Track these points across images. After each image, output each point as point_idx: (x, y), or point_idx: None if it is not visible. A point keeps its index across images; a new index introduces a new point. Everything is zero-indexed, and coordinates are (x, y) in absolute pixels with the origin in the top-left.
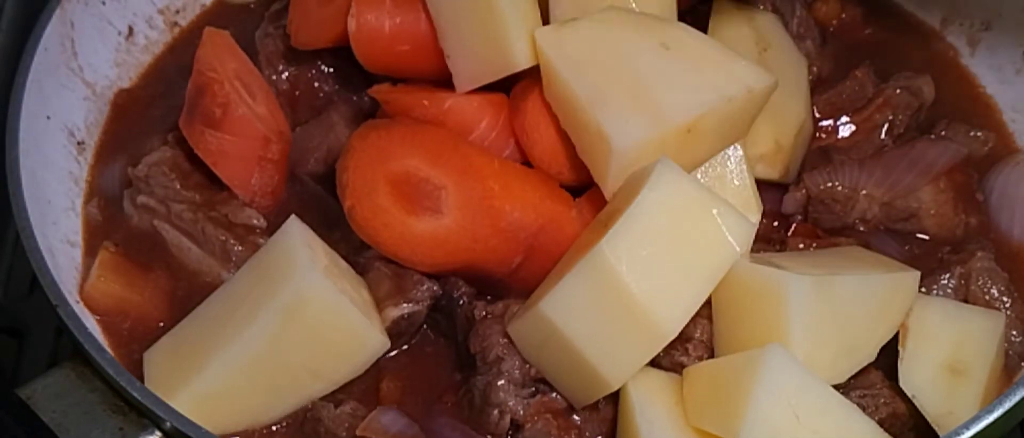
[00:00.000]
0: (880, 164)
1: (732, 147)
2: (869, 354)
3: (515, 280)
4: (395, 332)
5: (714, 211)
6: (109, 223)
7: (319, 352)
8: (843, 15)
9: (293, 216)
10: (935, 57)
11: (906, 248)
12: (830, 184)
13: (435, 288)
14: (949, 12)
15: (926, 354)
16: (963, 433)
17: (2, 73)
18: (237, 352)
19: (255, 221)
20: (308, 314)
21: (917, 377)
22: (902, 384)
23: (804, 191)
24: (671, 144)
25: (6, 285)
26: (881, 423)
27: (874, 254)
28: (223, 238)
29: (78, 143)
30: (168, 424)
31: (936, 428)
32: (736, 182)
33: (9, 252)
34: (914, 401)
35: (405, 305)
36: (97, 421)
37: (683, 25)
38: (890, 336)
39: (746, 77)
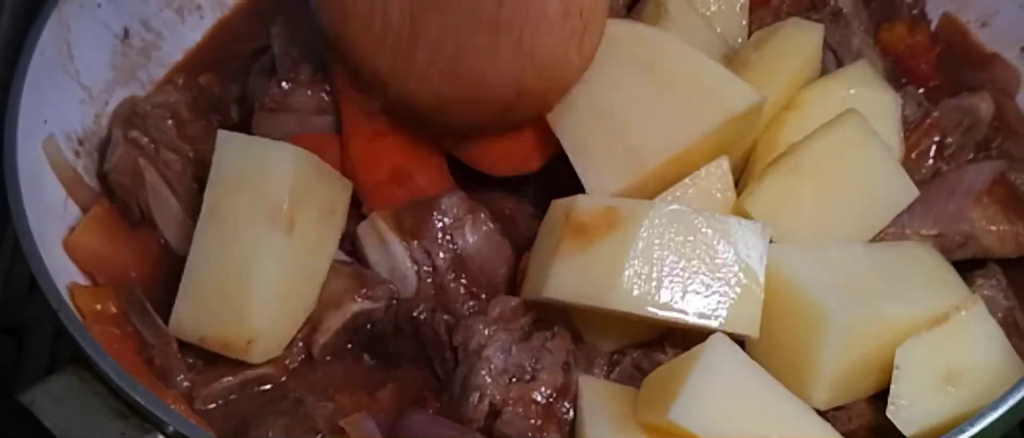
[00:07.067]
0: (918, 201)
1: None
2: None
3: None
4: (353, 327)
5: None
6: None
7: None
8: (910, 39)
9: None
10: (1005, 78)
11: None
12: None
13: (393, 287)
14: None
15: (930, 355)
16: (966, 431)
17: None
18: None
19: None
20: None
21: (912, 369)
22: (896, 364)
23: None
24: (649, 184)
25: (5, 286)
26: (850, 435)
27: (938, 263)
28: None
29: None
30: (171, 428)
31: (905, 425)
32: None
33: (8, 252)
34: (895, 382)
35: (363, 301)
36: (99, 425)
37: (673, 39)
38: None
39: (732, 99)
